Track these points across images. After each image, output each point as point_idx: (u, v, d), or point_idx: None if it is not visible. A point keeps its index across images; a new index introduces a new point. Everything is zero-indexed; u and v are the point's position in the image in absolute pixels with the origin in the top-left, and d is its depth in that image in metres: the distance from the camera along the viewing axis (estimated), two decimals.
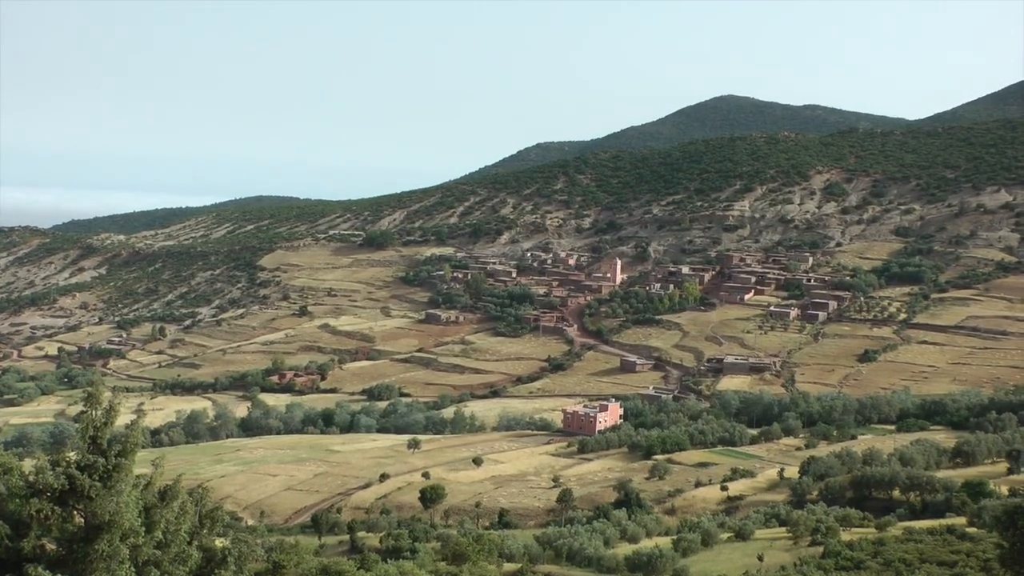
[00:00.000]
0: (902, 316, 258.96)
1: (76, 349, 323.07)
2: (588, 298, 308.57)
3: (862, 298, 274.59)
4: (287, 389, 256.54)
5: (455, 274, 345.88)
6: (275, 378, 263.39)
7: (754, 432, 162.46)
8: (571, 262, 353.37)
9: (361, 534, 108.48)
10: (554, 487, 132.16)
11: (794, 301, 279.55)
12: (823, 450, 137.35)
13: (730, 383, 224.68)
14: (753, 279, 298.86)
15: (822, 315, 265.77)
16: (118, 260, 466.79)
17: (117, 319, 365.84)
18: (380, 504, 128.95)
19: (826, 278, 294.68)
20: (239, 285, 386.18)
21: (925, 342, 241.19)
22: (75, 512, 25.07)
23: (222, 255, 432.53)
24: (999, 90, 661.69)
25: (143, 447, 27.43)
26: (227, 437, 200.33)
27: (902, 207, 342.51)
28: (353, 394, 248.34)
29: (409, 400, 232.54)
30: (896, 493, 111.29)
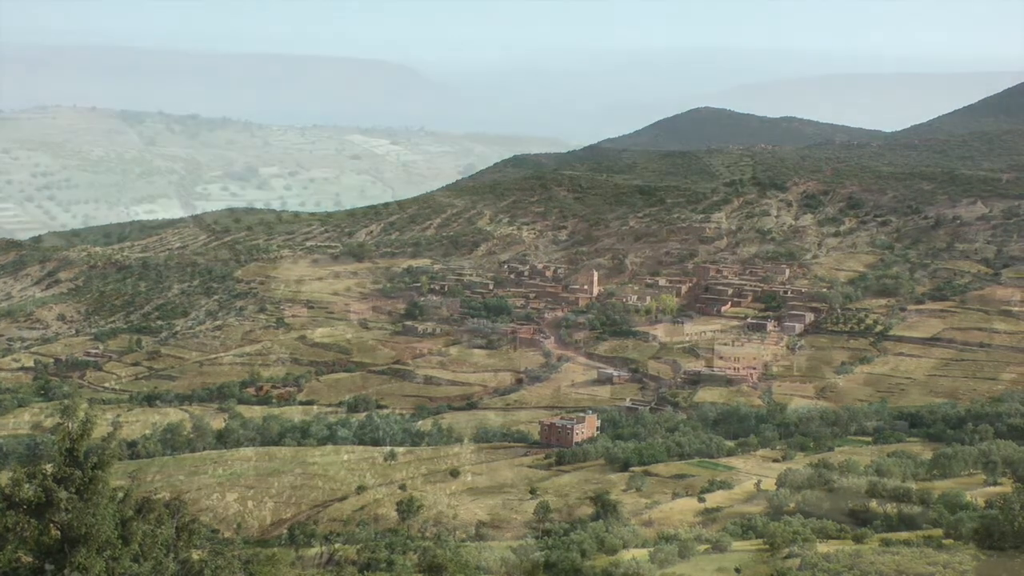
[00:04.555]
0: (879, 328, 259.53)
1: (53, 361, 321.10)
2: (565, 310, 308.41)
3: (839, 310, 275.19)
4: (264, 401, 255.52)
5: (432, 286, 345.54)
6: (252, 390, 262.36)
7: (731, 444, 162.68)
8: (548, 274, 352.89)
9: (338, 546, 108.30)
10: (531, 499, 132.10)
11: (771, 313, 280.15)
12: (800, 462, 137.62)
13: (707, 395, 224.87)
14: (730, 291, 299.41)
15: (799, 327, 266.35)
16: (95, 272, 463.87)
17: (94, 331, 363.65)
18: (357, 516, 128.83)
19: (803, 290, 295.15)
20: (216, 297, 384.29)
21: (902, 354, 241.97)
22: (52, 525, 24.96)
23: (199, 267, 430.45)
24: (975, 103, 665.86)
25: (120, 460, 27.30)
26: (204, 449, 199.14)
27: (879, 219, 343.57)
28: (330, 406, 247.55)
29: (386, 412, 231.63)
30: (873, 505, 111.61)
